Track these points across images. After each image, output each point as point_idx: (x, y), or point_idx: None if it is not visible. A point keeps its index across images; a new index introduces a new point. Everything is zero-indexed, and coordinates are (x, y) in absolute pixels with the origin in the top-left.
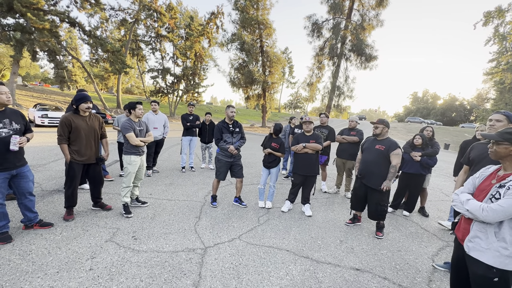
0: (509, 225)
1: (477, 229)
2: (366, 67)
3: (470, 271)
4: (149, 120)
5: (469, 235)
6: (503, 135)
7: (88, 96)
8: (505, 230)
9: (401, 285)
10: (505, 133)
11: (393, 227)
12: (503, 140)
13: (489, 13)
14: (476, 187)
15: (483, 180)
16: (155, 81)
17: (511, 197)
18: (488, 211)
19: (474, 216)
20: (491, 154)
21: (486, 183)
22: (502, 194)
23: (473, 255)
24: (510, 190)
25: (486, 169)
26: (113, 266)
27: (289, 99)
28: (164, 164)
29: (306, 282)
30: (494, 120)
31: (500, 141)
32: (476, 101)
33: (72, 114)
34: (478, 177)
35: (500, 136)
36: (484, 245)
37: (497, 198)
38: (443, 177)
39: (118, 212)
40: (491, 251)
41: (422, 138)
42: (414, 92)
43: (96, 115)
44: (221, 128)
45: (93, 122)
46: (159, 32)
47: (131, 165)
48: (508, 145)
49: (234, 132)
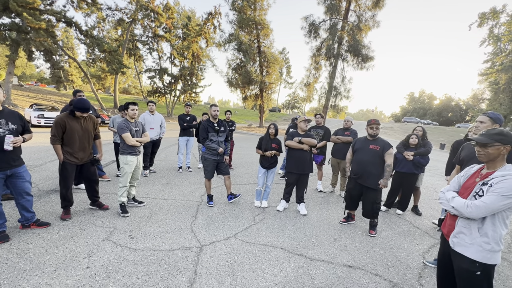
0: (491, 221)
1: (462, 225)
2: (362, 68)
3: (455, 265)
4: (146, 120)
5: (454, 231)
6: (493, 136)
7: (88, 108)
8: (488, 226)
9: (392, 281)
10: (494, 135)
11: (386, 225)
12: (494, 141)
13: (484, 14)
14: (461, 185)
15: (468, 178)
16: (152, 81)
17: (493, 194)
18: (472, 208)
19: (459, 212)
20: (483, 157)
21: (470, 181)
22: (485, 191)
23: (458, 250)
24: (492, 188)
25: (470, 168)
26: (110, 264)
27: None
28: (161, 164)
29: (299, 278)
30: (479, 121)
31: (490, 143)
32: (472, 102)
33: (67, 115)
34: (463, 175)
35: (490, 138)
36: (468, 240)
37: (481, 195)
38: (438, 177)
39: (115, 211)
40: (474, 246)
41: (418, 138)
42: (411, 92)
43: (91, 116)
44: (207, 127)
45: (88, 124)
46: (156, 32)
47: (128, 165)
48: (499, 145)
49: (219, 131)
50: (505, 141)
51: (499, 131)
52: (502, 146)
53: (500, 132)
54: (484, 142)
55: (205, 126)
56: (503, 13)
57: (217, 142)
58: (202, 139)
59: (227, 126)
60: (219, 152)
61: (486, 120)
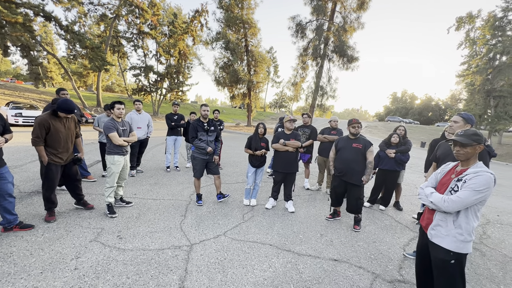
0: (465, 214)
1: (439, 218)
2: (348, 68)
3: (432, 255)
4: (133, 119)
5: (432, 224)
6: (471, 137)
7: (73, 110)
8: (461, 219)
9: (374, 272)
10: (472, 135)
11: (370, 220)
12: (472, 141)
13: (461, 18)
14: (438, 181)
15: (444, 175)
16: (138, 79)
17: (467, 189)
18: (449, 202)
19: (437, 207)
20: (462, 156)
21: (446, 177)
22: (460, 187)
23: (435, 241)
24: (466, 183)
25: (446, 166)
26: (99, 265)
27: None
28: (148, 164)
29: (287, 273)
30: (453, 121)
31: (469, 143)
32: (450, 102)
33: (50, 115)
34: (440, 172)
35: (468, 139)
36: (444, 232)
37: (456, 190)
38: (418, 173)
39: (102, 212)
40: (449, 237)
41: (399, 137)
42: (394, 92)
43: (72, 116)
44: (196, 126)
45: (70, 123)
46: (141, 28)
47: (115, 165)
48: (476, 145)
49: (209, 131)
50: (479, 141)
51: (474, 132)
52: (478, 145)
53: (475, 133)
54: (465, 143)
55: (195, 126)
56: (478, 17)
57: (207, 142)
58: (191, 138)
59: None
60: (208, 151)
61: (459, 120)
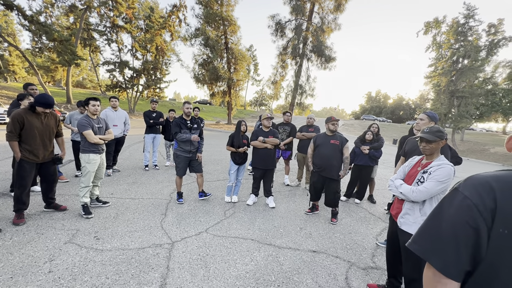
0: (429, 203)
1: (407, 208)
2: (325, 68)
3: (401, 241)
4: (109, 117)
5: (401, 213)
6: (436, 134)
7: (52, 104)
8: (427, 207)
9: (350, 261)
10: (436, 132)
11: (346, 213)
12: (437, 138)
13: (429, 23)
14: (406, 174)
15: (411, 168)
16: (112, 75)
17: (432, 180)
18: (417, 193)
19: (406, 197)
20: (428, 151)
21: (413, 170)
22: (426, 178)
23: (403, 228)
24: (431, 175)
25: (412, 159)
26: (75, 266)
27: (255, 96)
28: (125, 163)
29: (269, 265)
30: (419, 119)
31: (434, 139)
32: (419, 101)
33: (26, 111)
34: (407, 165)
35: (433, 135)
36: (412, 220)
37: (422, 181)
38: (391, 169)
39: (76, 213)
40: (416, 224)
41: (372, 134)
42: (369, 92)
43: (52, 113)
44: (179, 123)
45: (49, 120)
46: (115, 22)
47: (90, 164)
48: (439, 140)
49: (192, 128)
50: (442, 137)
51: (438, 129)
52: (441, 141)
53: (439, 130)
54: (431, 139)
55: (178, 123)
56: (444, 23)
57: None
58: (175, 133)
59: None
60: (192, 139)
61: (425, 118)
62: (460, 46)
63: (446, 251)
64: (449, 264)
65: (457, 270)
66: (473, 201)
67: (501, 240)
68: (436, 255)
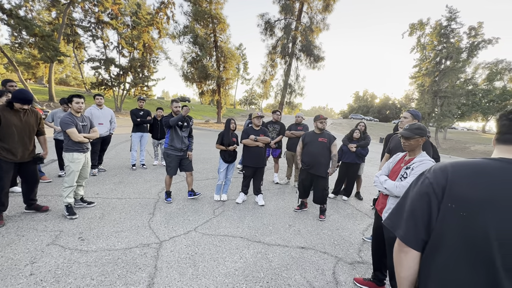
0: None
1: (391, 202)
2: (314, 67)
3: (385, 235)
4: (94, 115)
5: (386, 208)
6: (414, 131)
7: (31, 100)
8: None
9: (337, 256)
10: (415, 129)
11: (334, 210)
12: (414, 135)
13: (414, 25)
14: (390, 170)
15: (395, 164)
16: (97, 72)
17: (414, 175)
18: (400, 188)
19: (390, 192)
20: (407, 147)
21: (397, 166)
22: (408, 174)
23: None
24: (413, 171)
25: (396, 156)
26: (59, 268)
27: (244, 95)
28: (111, 162)
29: (258, 262)
30: (403, 117)
31: (412, 136)
32: (405, 101)
33: (3, 107)
34: (391, 162)
35: (412, 132)
36: None
37: (405, 177)
38: (377, 166)
39: (59, 214)
40: None
41: (360, 132)
42: (356, 91)
43: (33, 110)
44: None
45: (29, 117)
46: (101, 17)
47: (74, 163)
48: (418, 137)
49: (182, 126)
50: (422, 134)
51: (418, 126)
52: (420, 138)
53: (418, 127)
54: (408, 136)
55: (167, 120)
56: (428, 25)
57: (181, 138)
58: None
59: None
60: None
61: (408, 116)
62: (443, 47)
63: (408, 223)
64: (409, 234)
65: (415, 239)
66: (430, 180)
67: (447, 213)
68: (400, 227)
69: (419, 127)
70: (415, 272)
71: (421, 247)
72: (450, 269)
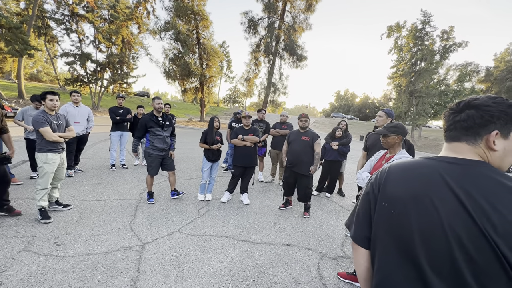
0: None
1: None
2: (297, 66)
3: None
4: (69, 113)
5: None
6: (389, 129)
7: None
8: None
9: (321, 252)
10: (390, 127)
11: (318, 207)
12: (390, 133)
13: (391, 27)
14: (372, 167)
15: (377, 161)
16: (72, 68)
17: None
18: None
19: None
20: (385, 145)
21: (379, 163)
22: None
23: None
24: None
25: (378, 153)
26: (32, 276)
27: (228, 93)
28: (89, 162)
29: (244, 261)
30: (378, 116)
31: (388, 134)
32: (383, 100)
33: None
34: (373, 159)
35: (388, 130)
36: None
37: None
38: None
39: (32, 218)
40: None
41: (341, 131)
42: (338, 90)
43: None
44: (148, 121)
45: None
46: (75, 10)
47: (48, 164)
48: (394, 135)
49: (164, 125)
50: (398, 132)
51: (394, 124)
52: (396, 136)
53: (395, 125)
54: (384, 133)
55: (147, 120)
56: (404, 27)
57: (163, 138)
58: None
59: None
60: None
61: (383, 115)
62: (418, 49)
63: (356, 222)
64: (356, 233)
65: (360, 237)
66: (372, 180)
67: (381, 211)
68: (351, 226)
69: (395, 126)
70: (366, 269)
71: (368, 245)
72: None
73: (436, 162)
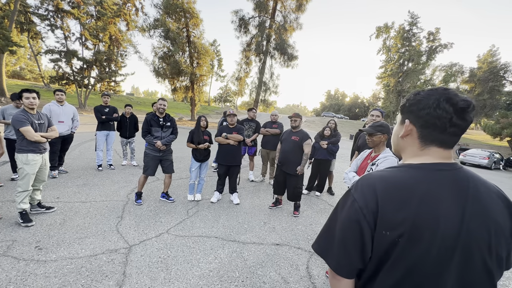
0: None
1: None
2: (288, 66)
3: None
4: (53, 112)
5: None
6: (376, 128)
7: None
8: None
9: (311, 251)
10: (376, 126)
11: (307, 206)
12: (376, 132)
13: (380, 28)
14: (358, 166)
15: (362, 160)
16: (57, 65)
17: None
18: None
19: None
20: (370, 143)
21: (364, 163)
22: (374, 170)
23: None
24: (378, 166)
25: (364, 153)
26: (11, 282)
27: (219, 92)
28: (74, 163)
29: (233, 262)
30: (375, 115)
31: (374, 133)
32: (372, 100)
33: None
34: (359, 158)
35: (374, 129)
36: None
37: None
38: (347, 162)
39: (12, 222)
40: None
41: (330, 130)
42: (328, 90)
43: None
44: (150, 120)
45: None
46: (60, 6)
47: (29, 165)
48: (380, 134)
49: (164, 126)
50: (383, 131)
51: (380, 123)
52: (382, 135)
53: (381, 125)
54: (370, 132)
55: (148, 120)
56: (392, 28)
57: (161, 138)
58: (143, 133)
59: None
60: (157, 146)
61: (380, 115)
62: (405, 50)
63: (338, 252)
64: (341, 264)
65: (348, 270)
66: (359, 204)
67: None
68: (330, 256)
69: (381, 125)
70: None
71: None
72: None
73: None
